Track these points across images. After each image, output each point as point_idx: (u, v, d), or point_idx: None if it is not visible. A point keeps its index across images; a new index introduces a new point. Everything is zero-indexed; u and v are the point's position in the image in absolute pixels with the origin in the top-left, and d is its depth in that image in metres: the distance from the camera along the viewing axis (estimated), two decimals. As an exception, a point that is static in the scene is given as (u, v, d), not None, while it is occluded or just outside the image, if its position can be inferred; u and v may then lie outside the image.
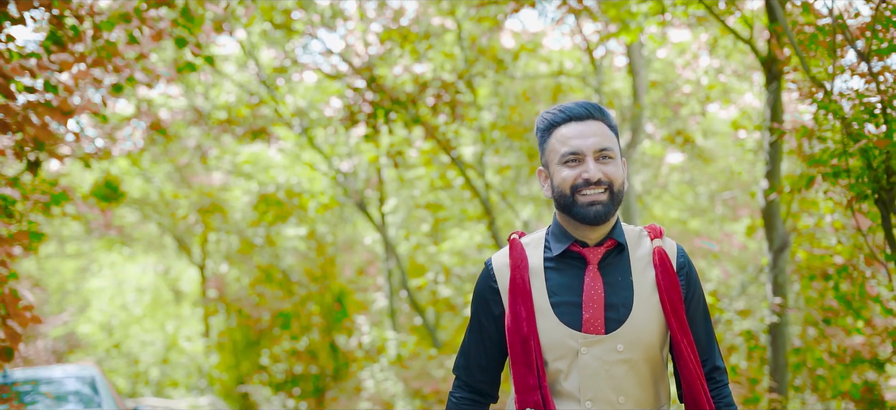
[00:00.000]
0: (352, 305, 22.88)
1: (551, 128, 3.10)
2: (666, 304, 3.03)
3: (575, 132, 3.04)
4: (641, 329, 3.01)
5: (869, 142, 5.54)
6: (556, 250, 3.08)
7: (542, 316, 3.03)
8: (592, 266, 3.05)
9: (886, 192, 5.78)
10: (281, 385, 23.40)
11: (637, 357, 3.00)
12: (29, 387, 9.81)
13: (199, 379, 28.97)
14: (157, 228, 26.49)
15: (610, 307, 3.01)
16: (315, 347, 23.11)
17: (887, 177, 5.74)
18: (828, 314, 12.30)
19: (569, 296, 3.03)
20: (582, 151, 3.00)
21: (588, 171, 2.99)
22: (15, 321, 8.55)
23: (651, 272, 3.07)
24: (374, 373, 18.11)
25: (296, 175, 22.07)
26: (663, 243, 3.14)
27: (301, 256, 23.44)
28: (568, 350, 2.99)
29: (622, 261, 3.09)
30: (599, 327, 2.99)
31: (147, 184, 24.31)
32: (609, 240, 3.08)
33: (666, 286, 3.04)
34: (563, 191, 3.03)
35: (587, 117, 3.07)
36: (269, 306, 23.56)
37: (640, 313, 3.02)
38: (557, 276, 3.07)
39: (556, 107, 3.13)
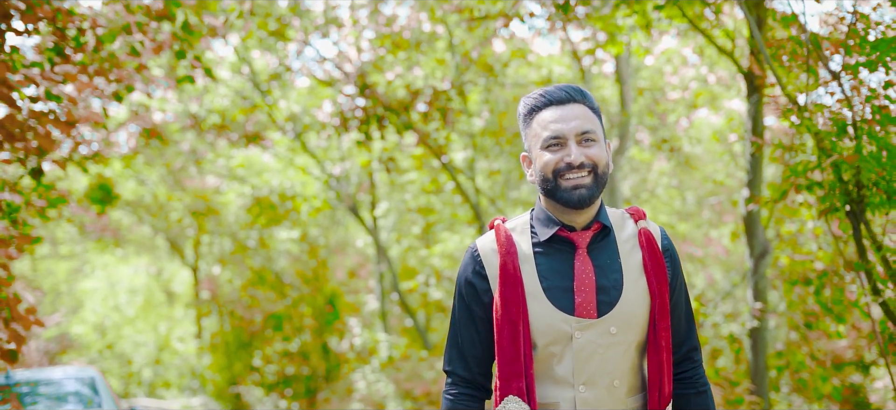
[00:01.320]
0: (343, 307, 23.08)
1: (532, 112, 3.08)
2: (653, 285, 3.03)
3: (556, 116, 3.02)
4: (632, 311, 3.01)
5: (839, 157, 5.81)
6: (544, 236, 3.07)
7: (535, 301, 3.00)
8: (581, 250, 3.04)
9: (856, 204, 6.06)
10: (273, 385, 23.56)
11: (630, 339, 3.01)
12: (30, 388, 10.02)
13: (191, 380, 29.04)
14: (150, 229, 26.60)
15: (601, 291, 3.00)
16: (307, 348, 23.32)
17: (857, 190, 6.02)
18: (810, 318, 12.57)
19: (560, 281, 3.01)
20: (564, 135, 2.99)
21: (570, 154, 2.98)
22: (18, 324, 8.78)
23: (638, 254, 3.08)
24: (366, 375, 18.31)
25: (289, 179, 22.26)
26: (647, 225, 3.14)
27: (293, 258, 23.63)
28: (562, 335, 2.98)
29: (609, 244, 3.08)
30: (592, 310, 2.98)
31: (140, 186, 24.46)
32: (595, 223, 3.07)
33: (653, 268, 3.05)
34: (545, 175, 3.02)
35: (568, 101, 3.04)
36: (261, 307, 23.75)
37: (630, 295, 3.02)
38: (547, 261, 3.04)
39: (536, 91, 3.12)
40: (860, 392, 12.93)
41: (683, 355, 3.16)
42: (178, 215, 24.30)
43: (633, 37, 10.34)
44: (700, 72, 16.35)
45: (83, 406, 9.92)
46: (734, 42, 9.48)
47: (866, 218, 6.09)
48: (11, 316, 8.74)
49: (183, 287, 32.26)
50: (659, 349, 3.02)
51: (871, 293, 6.17)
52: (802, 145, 6.32)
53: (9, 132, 8.21)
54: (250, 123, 17.79)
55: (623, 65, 14.14)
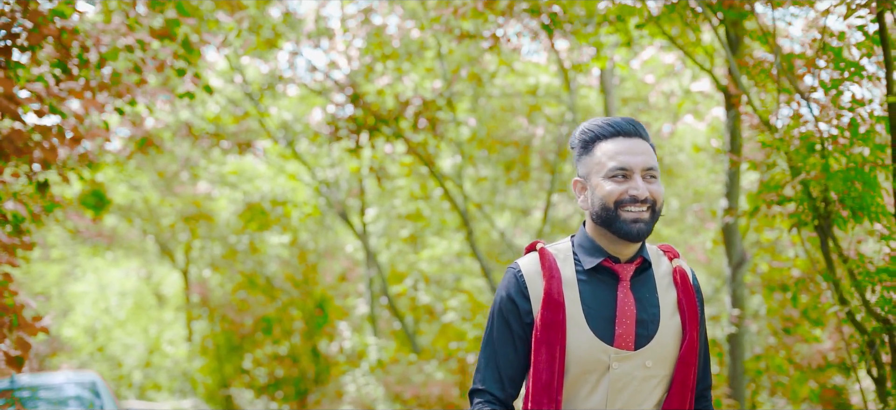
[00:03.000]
0: (333, 311, 23.31)
1: (596, 140, 3.08)
2: (685, 324, 3.06)
3: (623, 148, 3.03)
4: (666, 347, 3.03)
5: (808, 175, 6.18)
6: (588, 264, 3.08)
7: (576, 328, 3.01)
8: (625, 282, 3.05)
9: (824, 219, 6.43)
10: (263, 388, 23.79)
11: (662, 374, 3.04)
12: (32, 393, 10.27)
13: (182, 382, 29.20)
14: (140, 233, 26.77)
15: (640, 324, 3.02)
16: (297, 351, 23.55)
17: (825, 206, 6.39)
18: (788, 323, 12.94)
19: (602, 310, 3.02)
20: (630, 168, 3.00)
21: (636, 188, 2.99)
22: (24, 331, 9.09)
23: (673, 292, 3.10)
24: (356, 378, 18.55)
25: (280, 185, 22.51)
26: (682, 264, 3.18)
27: (284, 263, 23.86)
28: (598, 364, 2.99)
29: (649, 279, 3.10)
30: (630, 343, 3.00)
31: (132, 191, 24.66)
32: (638, 257, 3.10)
33: (687, 307, 3.08)
34: (606, 205, 3.01)
35: (635, 134, 3.06)
36: (251, 311, 23.98)
37: (665, 331, 3.04)
38: (590, 289, 3.06)
39: (600, 120, 3.12)
40: (842, 393, 13.25)
41: (699, 392, 3.23)
42: (170, 221, 24.50)
43: (617, 52, 10.67)
44: (682, 82, 16.69)
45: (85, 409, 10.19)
46: (713, 58, 9.82)
47: (833, 233, 6.47)
48: (18, 323, 9.05)
49: (173, 291, 32.35)
50: (685, 387, 3.06)
51: (839, 303, 6.54)
52: (775, 162, 6.69)
53: (15, 146, 8.50)
54: (242, 130, 18.03)
55: (607, 76, 14.46)
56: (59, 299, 33.28)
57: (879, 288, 6.30)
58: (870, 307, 6.29)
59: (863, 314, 6.52)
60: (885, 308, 6.27)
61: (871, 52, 6.32)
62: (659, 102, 17.39)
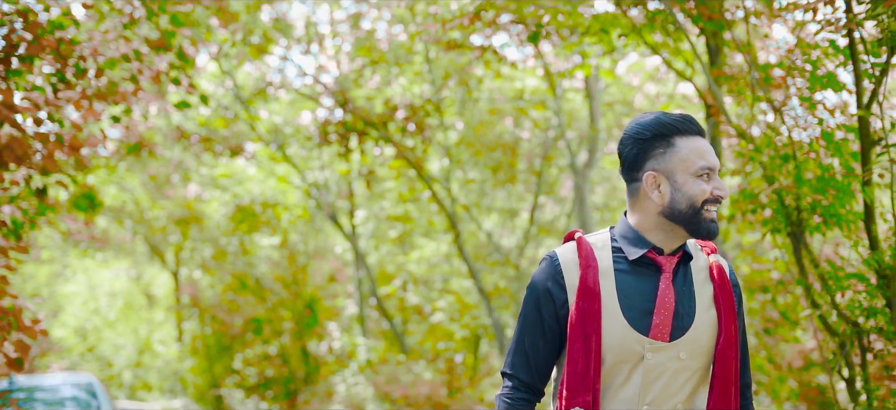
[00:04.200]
0: (322, 311, 23.50)
1: (673, 134, 3.07)
2: (722, 318, 3.07)
3: (705, 147, 3.05)
4: (701, 339, 3.04)
5: (780, 185, 6.47)
6: (631, 255, 3.09)
7: (611, 318, 3.03)
8: (667, 274, 3.07)
9: (797, 226, 6.71)
10: (253, 388, 23.99)
11: (697, 366, 3.05)
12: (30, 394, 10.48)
13: (172, 382, 29.31)
14: (131, 234, 26.88)
15: (677, 316, 3.04)
16: (287, 351, 23.74)
17: (798, 214, 6.68)
18: (769, 324, 13.22)
19: (641, 301, 3.05)
20: (714, 168, 3.03)
21: (721, 188, 3.04)
22: (24, 334, 9.33)
23: (709, 287, 3.11)
24: (346, 377, 18.75)
25: (270, 188, 22.71)
26: (719, 259, 3.19)
27: (274, 264, 24.06)
28: (633, 354, 3.01)
29: (688, 272, 3.12)
30: (665, 334, 3.02)
31: (122, 193, 24.84)
32: (680, 251, 3.12)
33: (723, 301, 3.09)
34: (693, 203, 3.02)
35: (703, 133, 3.09)
36: (241, 311, 24.18)
37: (701, 323, 3.05)
38: (630, 280, 3.08)
39: (677, 114, 3.12)
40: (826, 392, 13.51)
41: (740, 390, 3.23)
42: (162, 223, 24.68)
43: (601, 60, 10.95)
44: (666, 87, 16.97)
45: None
46: (693, 67, 10.09)
47: (805, 239, 6.76)
48: (17, 326, 9.29)
49: (163, 291, 32.44)
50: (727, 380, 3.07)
51: (811, 306, 6.83)
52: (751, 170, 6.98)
53: (15, 154, 8.74)
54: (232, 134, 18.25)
55: (592, 82, 14.73)
56: (49, 299, 33.36)
57: (850, 293, 6.60)
58: (840, 310, 6.57)
59: (834, 318, 6.81)
60: (856, 312, 6.56)
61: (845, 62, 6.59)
62: (643, 105, 17.65)
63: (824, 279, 6.63)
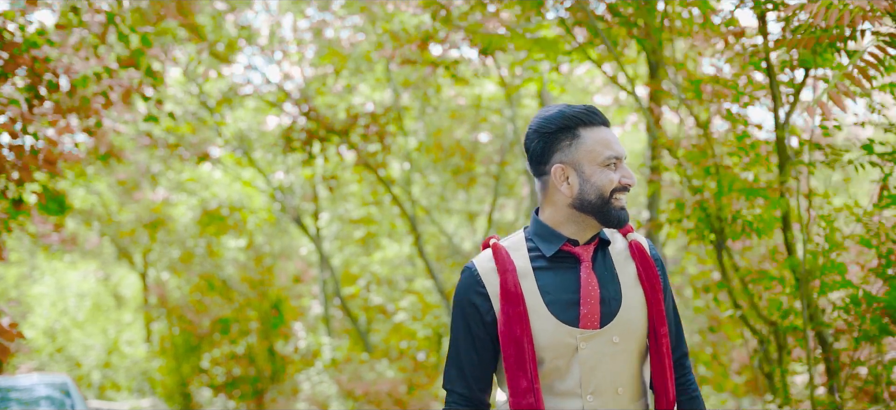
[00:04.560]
0: (288, 311, 23.91)
1: (578, 126, 3.05)
2: (648, 294, 3.06)
3: (610, 137, 3.04)
4: (631, 320, 3.03)
5: (701, 197, 7.08)
6: (548, 251, 3.06)
7: (537, 317, 3.00)
8: (586, 263, 3.04)
9: (719, 234, 7.33)
10: (221, 387, 24.36)
11: (631, 348, 3.03)
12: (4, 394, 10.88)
13: (141, 382, 29.50)
14: (99, 236, 27.13)
15: (603, 302, 3.02)
16: (253, 351, 24.13)
17: (719, 222, 7.29)
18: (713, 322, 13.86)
19: (565, 294, 3.02)
20: (621, 156, 3.02)
21: (629, 176, 3.02)
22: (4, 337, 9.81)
23: (631, 265, 3.10)
24: (310, 376, 19.20)
25: (236, 192, 23.10)
26: (637, 237, 3.17)
27: (240, 265, 24.45)
28: (566, 348, 2.99)
29: (606, 256, 3.10)
30: (595, 321, 2.99)
31: (90, 195, 25.15)
32: (596, 238, 3.10)
33: (647, 277, 3.07)
34: (602, 193, 3.01)
35: (607, 123, 3.09)
36: (209, 312, 24.56)
37: (629, 304, 3.04)
38: (550, 276, 3.05)
39: (579, 107, 3.09)
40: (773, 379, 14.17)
41: (675, 361, 3.22)
42: (130, 226, 24.98)
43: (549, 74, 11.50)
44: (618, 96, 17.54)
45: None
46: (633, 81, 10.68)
47: (727, 245, 7.37)
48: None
49: (131, 292, 32.53)
50: (661, 355, 3.06)
51: (733, 307, 7.45)
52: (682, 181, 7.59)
53: (-7, 167, 9.21)
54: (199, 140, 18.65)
55: (545, 92, 15.27)
56: (18, 301, 33.41)
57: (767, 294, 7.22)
58: (758, 310, 7.19)
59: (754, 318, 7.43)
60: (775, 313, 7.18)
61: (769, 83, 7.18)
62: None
63: (744, 282, 7.25)
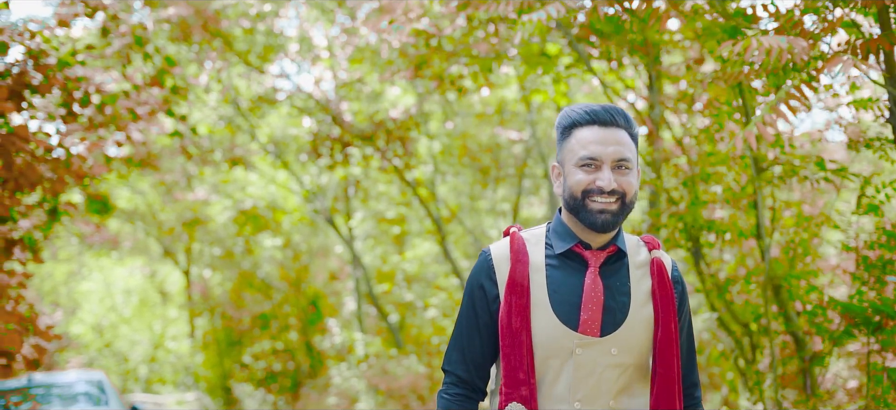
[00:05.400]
0: (325, 308, 24.49)
1: (573, 127, 3.03)
2: (658, 314, 2.99)
3: (596, 137, 2.97)
4: (635, 335, 2.97)
5: (677, 209, 7.59)
6: (559, 249, 3.04)
7: (540, 312, 2.97)
8: (593, 269, 3.00)
9: (694, 242, 7.84)
10: (261, 381, 24.95)
11: (629, 362, 2.97)
12: (46, 390, 11.59)
13: (185, 376, 30.06)
14: (141, 235, 27.70)
15: (607, 311, 2.96)
16: (292, 346, 24.77)
17: (695, 231, 7.81)
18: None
19: (568, 296, 2.98)
20: (600, 158, 2.96)
21: (602, 179, 2.94)
22: (40, 337, 10.53)
23: (647, 282, 3.04)
24: (342, 371, 19.73)
25: (270, 193, 23.65)
26: (660, 255, 3.11)
27: (278, 263, 25.02)
28: (562, 349, 2.94)
29: (622, 267, 3.05)
30: (595, 329, 2.94)
31: (135, 195, 25.87)
32: (612, 245, 3.04)
33: (661, 297, 3.01)
34: (574, 194, 2.98)
35: (611, 124, 3.00)
36: (249, 308, 25.17)
37: (634, 319, 2.98)
38: (558, 275, 3.01)
39: (581, 106, 3.06)
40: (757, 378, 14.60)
41: (685, 389, 3.16)
42: (170, 226, 25.57)
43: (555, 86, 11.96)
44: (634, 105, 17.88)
45: (92, 405, 11.49)
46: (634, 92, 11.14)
47: (702, 252, 7.89)
48: (34, 331, 10.49)
49: (176, 288, 33.05)
50: (669, 379, 3.00)
51: (710, 309, 7.96)
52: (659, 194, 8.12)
53: (29, 179, 9.92)
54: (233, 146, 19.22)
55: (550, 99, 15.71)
56: (66, 297, 34.09)
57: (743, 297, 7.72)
58: (732, 312, 7.70)
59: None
60: (747, 315, 7.68)
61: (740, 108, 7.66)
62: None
63: (719, 287, 7.77)
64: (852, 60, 4.64)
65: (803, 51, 4.83)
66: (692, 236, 7.80)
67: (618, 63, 10.17)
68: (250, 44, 16.61)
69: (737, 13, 5.99)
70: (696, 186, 7.65)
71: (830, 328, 7.03)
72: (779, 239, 7.47)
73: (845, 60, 4.69)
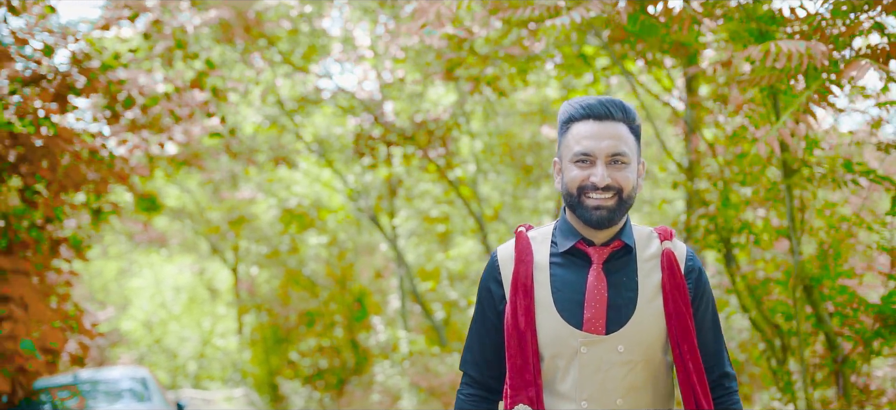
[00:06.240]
0: (371, 305, 24.68)
1: (569, 122, 2.97)
2: (669, 307, 2.92)
3: (591, 132, 2.90)
4: (643, 331, 2.90)
5: (707, 211, 7.62)
6: (563, 247, 2.97)
7: (544, 312, 2.92)
8: (596, 266, 2.94)
9: (726, 244, 7.87)
10: (308, 378, 25.19)
11: (637, 359, 2.90)
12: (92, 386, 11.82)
13: (233, 373, 30.40)
14: (191, 233, 28.06)
15: (612, 308, 2.90)
16: (338, 344, 25.02)
17: (726, 233, 7.83)
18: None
19: (572, 294, 2.92)
20: (593, 153, 2.89)
21: (596, 175, 2.88)
22: (84, 335, 10.78)
23: (657, 275, 2.96)
24: (385, 369, 19.88)
25: (315, 192, 23.85)
26: (672, 246, 3.02)
27: (323, 261, 25.27)
28: (568, 348, 2.89)
29: (629, 262, 2.97)
30: (600, 327, 2.88)
31: (183, 194, 26.24)
32: (616, 241, 2.97)
33: (671, 289, 2.93)
34: (570, 190, 2.92)
35: (607, 117, 2.92)
36: (295, 306, 25.46)
37: (642, 315, 2.91)
38: (563, 272, 2.95)
39: (577, 100, 2.99)
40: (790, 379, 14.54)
41: (714, 381, 3.04)
42: (216, 225, 25.86)
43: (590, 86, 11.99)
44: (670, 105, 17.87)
45: (136, 401, 11.70)
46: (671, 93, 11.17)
47: (733, 254, 7.91)
48: (78, 329, 10.75)
49: (224, 285, 33.41)
50: (687, 372, 2.92)
51: (742, 310, 7.98)
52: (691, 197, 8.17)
53: (73, 180, 10.16)
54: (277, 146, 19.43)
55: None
56: (117, 294, 34.56)
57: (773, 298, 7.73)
58: (762, 313, 7.71)
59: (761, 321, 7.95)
60: (777, 316, 7.69)
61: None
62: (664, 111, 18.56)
63: (750, 288, 7.79)
64: (870, 63, 4.66)
65: (823, 55, 4.87)
66: (723, 238, 7.82)
67: (656, 64, 10.19)
68: (294, 44, 16.78)
69: (762, 17, 6.01)
70: (728, 187, 7.68)
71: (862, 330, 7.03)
72: (811, 240, 7.47)
73: (863, 65, 4.72)
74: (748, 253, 7.98)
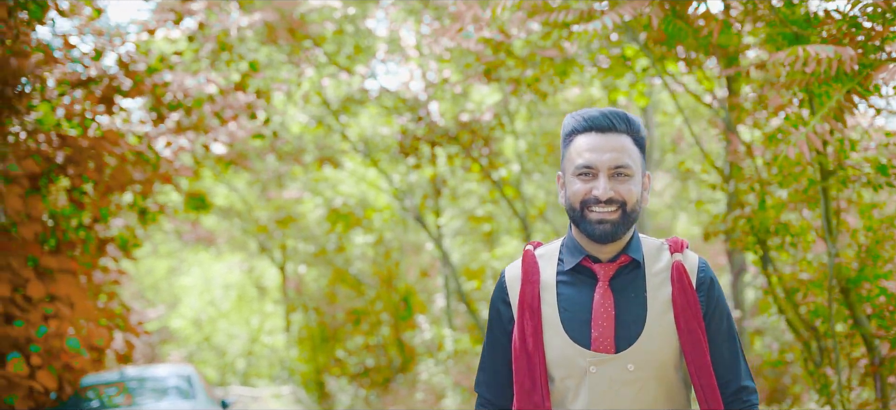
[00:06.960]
0: (416, 304, 24.81)
1: (572, 135, 2.90)
2: (680, 321, 2.83)
3: (592, 144, 2.83)
4: (653, 348, 2.82)
5: (743, 213, 7.64)
6: (569, 264, 2.89)
7: (552, 332, 2.86)
8: (603, 283, 2.86)
9: (762, 245, 7.87)
10: (355, 377, 25.37)
11: (648, 377, 2.82)
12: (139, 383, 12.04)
13: (281, 370, 30.67)
14: (239, 231, 28.28)
15: (621, 325, 2.82)
16: (384, 342, 25.18)
17: (763, 234, 7.83)
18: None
19: (579, 313, 2.85)
20: (595, 166, 2.82)
21: (598, 188, 2.80)
22: (130, 333, 10.97)
23: (667, 289, 2.88)
24: (429, 367, 19.99)
25: (361, 192, 24.02)
26: (683, 258, 2.93)
27: (370, 260, 25.46)
28: (577, 369, 2.82)
29: (637, 277, 2.89)
30: (609, 346, 2.80)
31: (231, 193, 26.51)
32: (623, 256, 2.89)
33: (681, 303, 2.84)
34: (573, 204, 2.85)
35: (609, 129, 2.85)
36: (342, 304, 25.65)
37: (652, 331, 2.83)
38: (569, 291, 2.88)
39: (579, 113, 2.92)
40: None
41: (732, 394, 2.93)
42: (264, 223, 26.10)
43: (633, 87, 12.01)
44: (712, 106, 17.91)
45: (181, 398, 11.91)
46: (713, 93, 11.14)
47: (770, 256, 7.92)
48: (125, 328, 10.94)
49: (272, 284, 33.67)
50: (703, 387, 2.84)
51: (779, 312, 7.99)
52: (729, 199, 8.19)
53: (119, 182, 10.36)
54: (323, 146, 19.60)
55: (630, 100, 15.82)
56: (167, 292, 34.98)
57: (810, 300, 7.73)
58: (799, 315, 7.72)
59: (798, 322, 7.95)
60: (814, 318, 7.69)
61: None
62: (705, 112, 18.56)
63: (787, 290, 7.79)
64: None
65: (852, 59, 4.89)
66: (760, 240, 7.83)
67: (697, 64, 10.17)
68: (339, 45, 16.92)
69: (797, 20, 6.03)
70: (764, 188, 7.69)
71: None
72: (851, 242, 7.46)
73: (891, 68, 4.74)
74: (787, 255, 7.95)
